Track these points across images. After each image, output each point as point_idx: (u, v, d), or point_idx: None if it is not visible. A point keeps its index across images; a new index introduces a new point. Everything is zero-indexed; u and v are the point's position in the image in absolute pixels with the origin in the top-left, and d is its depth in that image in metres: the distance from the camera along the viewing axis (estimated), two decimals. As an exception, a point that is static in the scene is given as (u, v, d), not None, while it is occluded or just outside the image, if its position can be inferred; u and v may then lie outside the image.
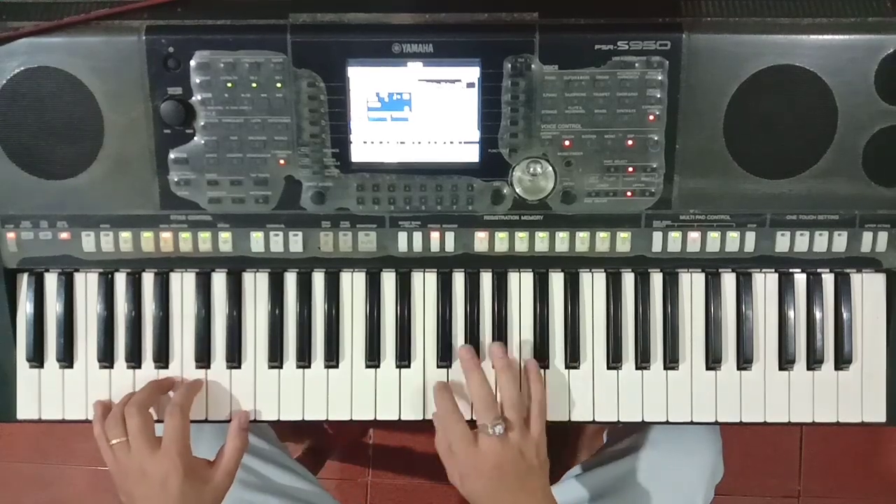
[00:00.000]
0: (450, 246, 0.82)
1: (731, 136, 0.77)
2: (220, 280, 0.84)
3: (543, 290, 0.83)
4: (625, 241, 0.81)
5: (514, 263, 0.83)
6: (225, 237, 0.81)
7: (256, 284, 0.84)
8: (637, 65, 0.76)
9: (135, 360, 0.83)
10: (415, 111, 0.77)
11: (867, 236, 0.81)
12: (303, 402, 0.84)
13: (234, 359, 0.83)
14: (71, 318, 0.84)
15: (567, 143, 0.78)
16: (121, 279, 0.84)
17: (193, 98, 0.77)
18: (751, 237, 0.81)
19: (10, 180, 0.79)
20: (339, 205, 0.80)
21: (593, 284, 0.84)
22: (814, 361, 0.83)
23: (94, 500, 1.55)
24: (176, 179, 0.79)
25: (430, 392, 0.83)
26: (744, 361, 0.83)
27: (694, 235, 0.81)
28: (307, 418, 0.84)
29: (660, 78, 0.76)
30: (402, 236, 0.81)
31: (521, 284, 0.84)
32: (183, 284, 0.84)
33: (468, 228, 0.81)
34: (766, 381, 0.84)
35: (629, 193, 0.80)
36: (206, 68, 0.76)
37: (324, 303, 0.84)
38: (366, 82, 0.76)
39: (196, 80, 0.76)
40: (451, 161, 0.79)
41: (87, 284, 0.84)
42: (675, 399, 0.84)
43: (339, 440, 1.47)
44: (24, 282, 0.84)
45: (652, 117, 0.77)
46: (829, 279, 0.83)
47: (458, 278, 0.84)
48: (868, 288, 0.84)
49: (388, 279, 0.84)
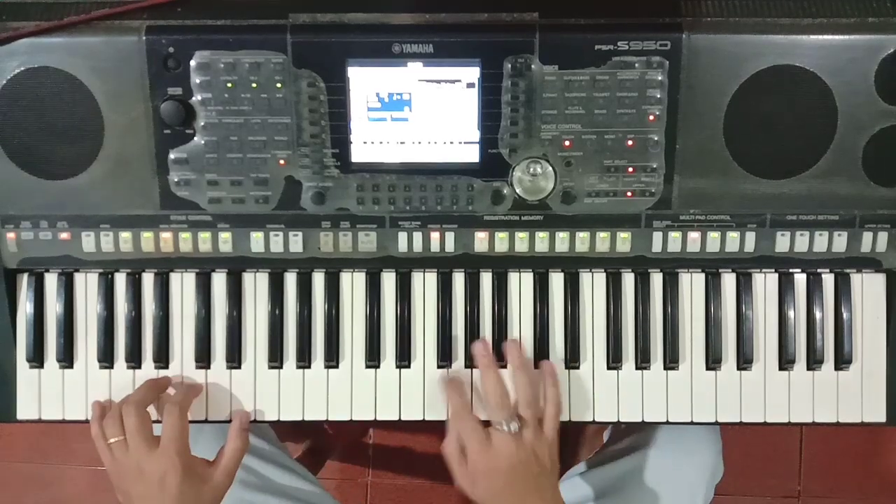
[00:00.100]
0: (450, 246, 0.82)
1: (731, 136, 0.77)
2: (220, 280, 0.84)
3: (543, 291, 0.83)
4: (625, 241, 0.81)
5: (514, 263, 0.83)
6: (225, 237, 0.81)
7: (256, 284, 0.84)
8: (637, 65, 0.76)
9: (135, 360, 0.83)
10: (415, 111, 0.77)
11: (867, 236, 0.81)
12: (303, 403, 0.84)
13: (234, 359, 0.83)
14: (71, 318, 0.84)
15: (567, 143, 0.78)
16: (121, 279, 0.84)
17: (193, 98, 0.77)
18: (751, 237, 0.81)
19: (10, 180, 0.79)
20: (339, 205, 0.80)
21: (593, 284, 0.84)
22: (814, 361, 0.83)
23: (94, 500, 1.55)
24: (176, 179, 0.79)
25: (430, 392, 0.83)
26: (744, 361, 0.83)
27: (694, 235, 0.81)
28: (307, 418, 0.84)
29: (660, 78, 0.76)
30: (402, 236, 0.81)
31: (521, 284, 0.84)
32: (183, 284, 0.84)
33: (468, 228, 0.81)
34: (766, 381, 0.84)
35: (629, 193, 0.80)
36: (206, 68, 0.76)
37: (324, 303, 0.84)
38: (366, 82, 0.76)
39: (196, 80, 0.76)
40: (451, 161, 0.79)
41: (87, 284, 0.84)
42: (675, 399, 0.84)
43: (339, 440, 1.47)
44: (24, 282, 0.84)
45: (652, 117, 0.77)
46: (829, 279, 0.83)
47: (458, 278, 0.84)
48: (868, 288, 0.84)
49: (388, 279, 0.84)
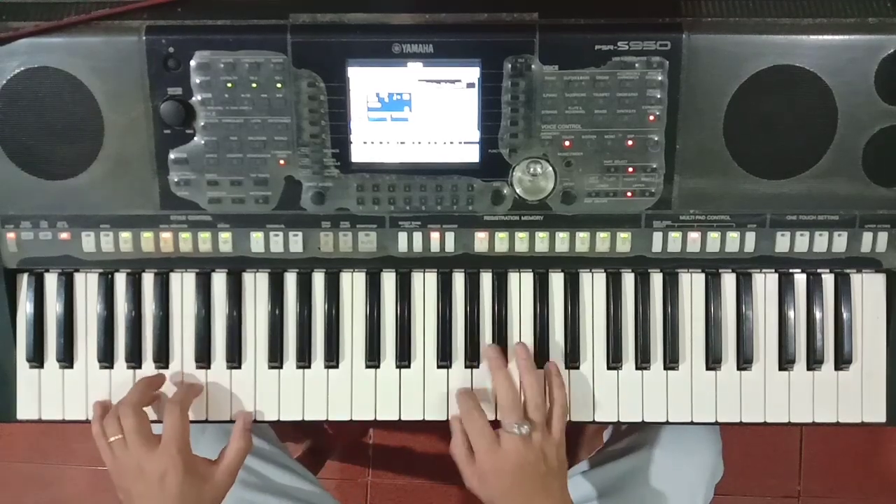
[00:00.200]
0: (450, 246, 0.82)
1: (731, 136, 0.77)
2: (220, 280, 0.84)
3: (543, 291, 0.83)
4: (625, 241, 0.81)
5: (514, 263, 0.83)
6: (225, 237, 0.81)
7: (256, 284, 0.84)
8: (637, 65, 0.76)
9: (135, 360, 0.83)
10: (415, 111, 0.77)
11: (867, 236, 0.81)
12: (303, 403, 0.84)
13: (234, 359, 0.83)
14: (71, 318, 0.84)
15: (567, 143, 0.78)
16: (121, 279, 0.84)
17: (193, 98, 0.77)
18: (751, 237, 0.81)
19: (10, 180, 0.79)
20: (339, 205, 0.80)
21: (593, 284, 0.84)
22: (814, 361, 0.83)
23: (94, 500, 1.55)
24: (176, 179, 0.79)
25: (429, 392, 0.83)
26: (744, 361, 0.83)
27: (694, 235, 0.81)
28: (307, 418, 0.84)
29: (660, 78, 0.76)
30: (402, 236, 0.81)
31: (521, 284, 0.84)
32: (183, 284, 0.84)
33: (468, 228, 0.81)
34: (766, 382, 0.84)
35: (629, 193, 0.80)
36: (206, 68, 0.76)
37: (324, 303, 0.84)
38: (366, 82, 0.76)
39: (196, 80, 0.76)
40: (451, 161, 0.79)
41: (87, 284, 0.84)
42: (675, 399, 0.84)
43: (339, 440, 1.47)
44: (24, 282, 0.84)
45: (652, 117, 0.77)
46: (829, 279, 0.83)
47: (458, 278, 0.84)
48: (868, 288, 0.84)
49: (388, 279, 0.84)
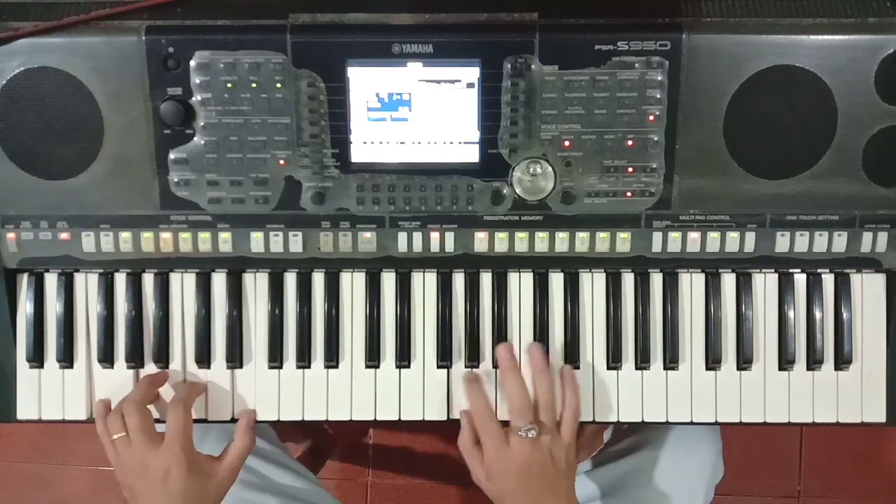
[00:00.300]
0: (450, 246, 0.82)
1: (731, 136, 0.77)
2: (220, 280, 0.84)
3: (543, 291, 0.83)
4: (625, 241, 0.81)
5: (513, 263, 0.83)
6: (225, 237, 0.81)
7: (256, 284, 0.84)
8: (637, 65, 0.76)
9: (135, 360, 0.83)
10: (415, 111, 0.77)
11: (867, 236, 0.81)
12: (303, 403, 0.84)
13: (234, 359, 0.83)
14: (71, 318, 0.84)
15: (567, 143, 0.78)
16: (121, 279, 0.84)
17: (193, 98, 0.77)
18: (751, 237, 0.81)
19: (10, 180, 0.79)
20: (338, 205, 0.80)
21: (593, 284, 0.84)
22: (814, 361, 0.83)
23: (94, 500, 1.55)
24: (176, 180, 0.79)
25: (429, 392, 0.83)
26: (744, 361, 0.83)
27: (694, 235, 0.81)
28: (307, 418, 0.84)
29: (660, 78, 0.76)
30: (402, 236, 0.81)
31: (521, 284, 0.84)
32: (183, 284, 0.84)
33: (468, 229, 0.81)
34: (766, 382, 0.84)
35: (629, 193, 0.80)
36: (206, 68, 0.76)
37: (324, 303, 0.84)
38: (366, 82, 0.76)
39: (196, 80, 0.76)
40: (451, 161, 0.79)
41: (88, 284, 0.84)
42: (674, 399, 0.84)
43: (339, 440, 1.47)
44: (24, 282, 0.84)
45: (652, 117, 0.77)
46: (829, 279, 0.83)
47: (458, 278, 0.84)
48: (868, 288, 0.84)
49: (388, 279, 0.84)
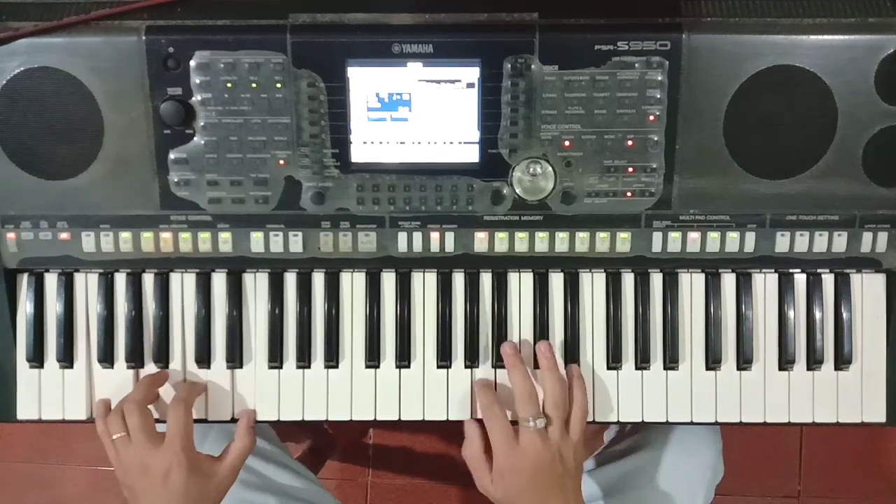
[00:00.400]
0: (450, 246, 0.82)
1: (731, 136, 0.77)
2: (220, 280, 0.84)
3: (543, 291, 0.83)
4: (625, 241, 0.81)
5: (513, 263, 0.83)
6: (225, 237, 0.81)
7: (256, 284, 0.84)
8: (637, 65, 0.76)
9: (135, 360, 0.83)
10: (415, 111, 0.77)
11: (867, 236, 0.81)
12: (303, 403, 0.84)
13: (234, 359, 0.83)
14: (71, 318, 0.84)
15: (567, 143, 0.78)
16: (121, 279, 0.84)
17: (193, 98, 0.77)
18: (751, 237, 0.81)
19: (10, 180, 0.79)
20: (338, 205, 0.80)
21: (593, 284, 0.84)
22: (814, 361, 0.83)
23: (94, 500, 1.55)
24: (176, 180, 0.79)
25: (429, 392, 0.83)
26: (744, 361, 0.83)
27: (694, 235, 0.81)
28: (307, 418, 0.84)
29: (660, 78, 0.76)
30: (402, 236, 0.81)
31: (521, 284, 0.84)
32: (183, 284, 0.84)
33: (468, 229, 0.81)
34: (766, 382, 0.84)
35: (629, 193, 0.80)
36: (206, 68, 0.76)
37: (324, 303, 0.84)
38: (366, 82, 0.76)
39: (196, 80, 0.76)
40: (451, 161, 0.79)
41: (88, 284, 0.84)
42: (674, 399, 0.84)
43: (339, 440, 1.47)
44: (24, 282, 0.84)
45: (652, 117, 0.77)
46: (829, 279, 0.83)
47: (458, 278, 0.84)
48: (868, 288, 0.84)
49: (388, 279, 0.84)
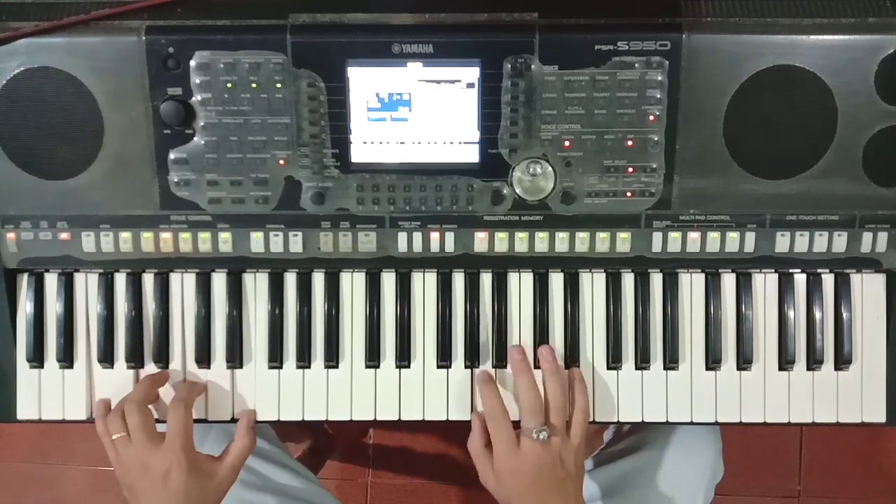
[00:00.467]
0: (450, 246, 0.82)
1: (731, 136, 0.77)
2: (220, 280, 0.84)
3: (543, 291, 0.83)
4: (625, 241, 0.81)
5: (513, 264, 0.83)
6: (225, 237, 0.81)
7: (256, 284, 0.84)
8: (637, 65, 0.76)
9: (135, 360, 0.83)
10: (415, 111, 0.77)
11: (867, 237, 0.81)
12: (303, 403, 0.84)
13: (234, 359, 0.83)
14: (71, 318, 0.84)
15: (567, 143, 0.78)
16: (121, 279, 0.84)
17: (193, 98, 0.77)
18: (751, 237, 0.81)
19: (10, 180, 0.79)
20: (338, 205, 0.80)
21: (593, 285, 0.84)
22: (814, 362, 0.83)
23: (94, 500, 1.55)
24: (176, 180, 0.79)
25: (429, 392, 0.83)
26: (744, 362, 0.83)
27: (694, 236, 0.81)
28: (307, 418, 0.84)
29: (660, 78, 0.76)
30: (402, 236, 0.81)
31: (521, 285, 0.84)
32: (183, 285, 0.84)
33: (468, 229, 0.81)
34: (766, 382, 0.84)
35: (629, 194, 0.80)
36: (206, 68, 0.76)
37: (324, 303, 0.84)
38: (365, 82, 0.76)
39: (196, 80, 0.76)
40: (451, 161, 0.79)
41: (88, 284, 0.84)
42: (674, 399, 0.84)
43: (339, 440, 1.47)
44: (24, 282, 0.84)
45: (652, 117, 0.77)
46: (829, 279, 0.83)
47: (458, 278, 0.84)
48: (868, 288, 0.84)
49: (388, 279, 0.84)
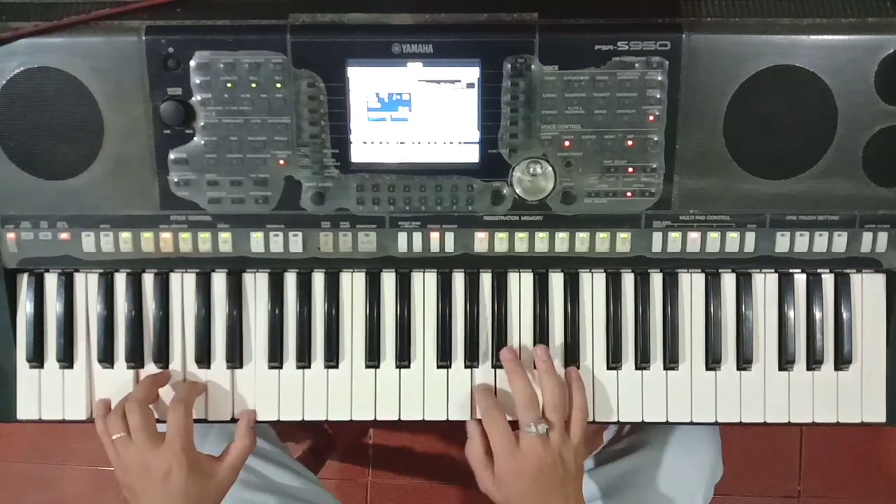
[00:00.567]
0: (450, 246, 0.82)
1: (731, 136, 0.77)
2: (220, 280, 0.84)
3: (543, 291, 0.83)
4: (625, 241, 0.81)
5: (513, 264, 0.83)
6: (225, 237, 0.81)
7: (256, 284, 0.84)
8: (637, 65, 0.76)
9: (135, 360, 0.83)
10: (415, 111, 0.77)
11: (867, 236, 0.81)
12: (303, 403, 0.84)
13: (234, 359, 0.83)
14: (71, 318, 0.84)
15: (567, 143, 0.78)
16: (121, 279, 0.84)
17: (193, 98, 0.77)
18: (751, 237, 0.81)
19: (10, 180, 0.79)
20: (338, 205, 0.80)
21: (593, 285, 0.84)
22: (814, 362, 0.83)
23: (94, 500, 1.55)
24: (176, 180, 0.79)
25: (429, 392, 0.83)
26: (744, 362, 0.83)
27: (694, 236, 0.81)
28: (307, 418, 0.84)
29: (660, 78, 0.76)
30: (402, 236, 0.81)
31: (521, 285, 0.84)
32: (183, 285, 0.84)
33: (468, 229, 0.81)
34: (766, 382, 0.84)
35: (629, 194, 0.80)
36: (206, 68, 0.76)
37: (324, 303, 0.84)
38: (365, 82, 0.76)
39: (196, 80, 0.76)
40: (451, 161, 0.79)
41: (88, 284, 0.84)
42: (674, 399, 0.84)
43: (339, 440, 1.47)
44: (24, 282, 0.84)
45: (652, 117, 0.77)
46: (829, 279, 0.83)
47: (458, 278, 0.84)
48: (868, 288, 0.84)
49: (388, 279, 0.84)
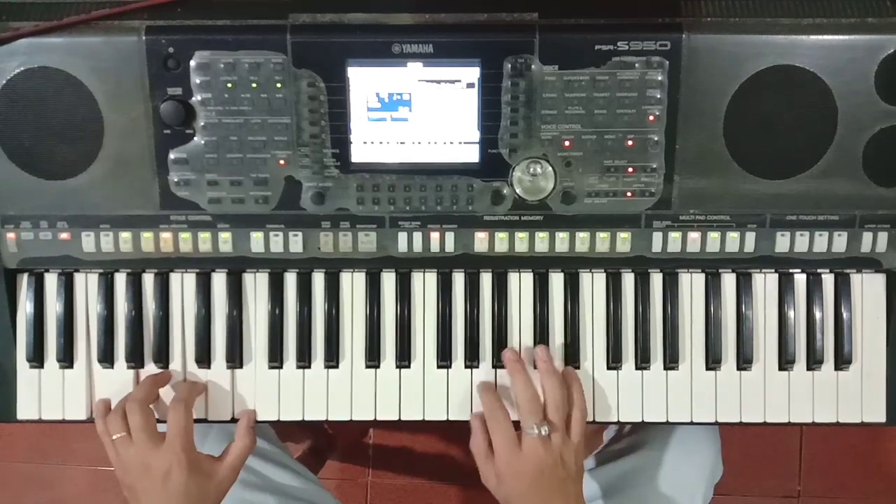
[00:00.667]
0: (450, 246, 0.82)
1: (731, 136, 0.77)
2: (220, 280, 0.84)
3: (543, 291, 0.83)
4: (625, 241, 0.81)
5: (514, 264, 0.83)
6: (225, 237, 0.81)
7: (256, 284, 0.84)
8: (637, 65, 0.76)
9: (135, 360, 0.83)
10: (415, 111, 0.77)
11: (867, 236, 0.81)
12: (303, 403, 0.84)
13: (234, 359, 0.83)
14: (71, 318, 0.84)
15: (567, 143, 0.78)
16: (121, 279, 0.84)
17: (193, 98, 0.77)
18: (751, 237, 0.81)
19: (10, 180, 0.79)
20: (338, 205, 0.80)
21: (593, 284, 0.84)
22: (814, 361, 0.83)
23: (94, 500, 1.55)
24: (176, 180, 0.79)
25: (429, 392, 0.83)
26: (744, 361, 0.83)
27: (694, 235, 0.81)
28: (307, 418, 0.84)
29: (660, 78, 0.76)
30: (402, 236, 0.81)
31: (521, 285, 0.84)
32: (183, 285, 0.84)
33: (468, 229, 0.81)
34: (766, 382, 0.84)
35: (629, 194, 0.80)
36: (206, 68, 0.76)
37: (324, 303, 0.84)
38: (366, 82, 0.76)
39: (196, 80, 0.76)
40: (451, 161, 0.79)
41: (88, 284, 0.84)
42: (674, 399, 0.84)
43: (339, 440, 1.47)
44: (24, 282, 0.84)
45: (652, 117, 0.77)
46: (829, 279, 0.83)
47: (458, 278, 0.84)
48: (868, 288, 0.84)
49: (388, 279, 0.84)
